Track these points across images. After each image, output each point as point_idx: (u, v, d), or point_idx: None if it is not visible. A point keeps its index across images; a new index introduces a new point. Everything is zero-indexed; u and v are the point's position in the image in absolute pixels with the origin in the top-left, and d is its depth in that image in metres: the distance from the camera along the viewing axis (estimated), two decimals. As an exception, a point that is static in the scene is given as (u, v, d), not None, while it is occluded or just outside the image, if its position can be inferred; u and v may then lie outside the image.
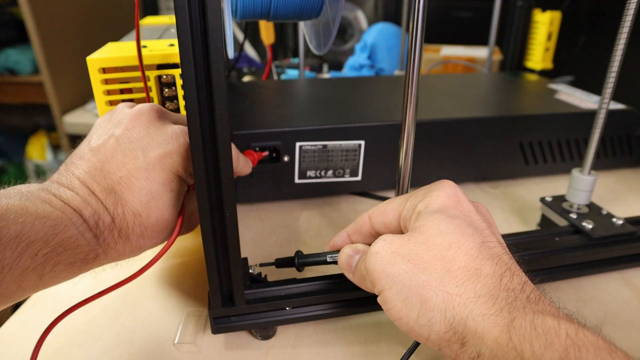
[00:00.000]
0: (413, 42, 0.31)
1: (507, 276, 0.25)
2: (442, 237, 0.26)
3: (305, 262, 0.36)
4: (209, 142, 0.28)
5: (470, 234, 0.26)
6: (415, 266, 0.26)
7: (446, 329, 0.24)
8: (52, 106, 1.42)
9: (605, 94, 0.40)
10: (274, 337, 0.36)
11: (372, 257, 0.27)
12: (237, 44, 1.01)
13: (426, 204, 0.29)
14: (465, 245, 0.26)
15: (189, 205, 0.35)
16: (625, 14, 0.37)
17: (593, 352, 0.20)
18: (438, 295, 0.25)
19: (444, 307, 0.24)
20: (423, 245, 0.26)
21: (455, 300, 0.24)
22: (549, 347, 0.21)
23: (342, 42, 1.31)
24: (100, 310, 0.39)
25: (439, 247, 0.26)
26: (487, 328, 0.23)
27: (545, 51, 0.80)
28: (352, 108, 0.59)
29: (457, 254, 0.25)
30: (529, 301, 0.24)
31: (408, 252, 0.26)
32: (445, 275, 0.25)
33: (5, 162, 1.76)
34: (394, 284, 0.26)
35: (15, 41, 1.54)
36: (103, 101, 0.38)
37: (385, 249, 0.27)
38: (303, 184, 0.54)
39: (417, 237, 0.27)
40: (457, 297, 0.24)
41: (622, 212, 0.46)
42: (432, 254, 0.26)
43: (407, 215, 0.30)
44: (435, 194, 0.29)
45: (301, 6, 0.39)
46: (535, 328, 0.22)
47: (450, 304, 0.24)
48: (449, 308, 0.24)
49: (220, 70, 0.26)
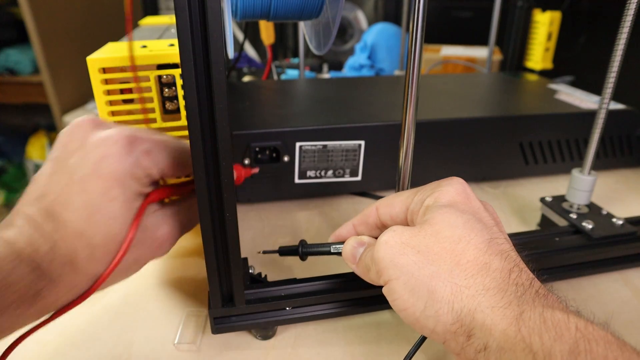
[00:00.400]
0: (413, 42, 0.31)
1: (515, 272, 0.25)
2: (452, 230, 0.26)
3: (309, 251, 0.36)
4: (209, 142, 0.28)
5: (480, 229, 0.26)
6: (425, 257, 0.26)
7: (453, 321, 0.24)
8: (52, 106, 1.42)
9: (605, 94, 0.40)
10: (274, 337, 0.36)
11: (381, 246, 0.27)
12: (237, 44, 1.01)
13: (435, 198, 0.29)
14: (474, 239, 0.26)
15: (150, 218, 0.30)
16: (625, 14, 0.37)
17: (603, 345, 0.20)
18: (447, 286, 0.25)
19: (452, 298, 0.24)
20: (433, 237, 0.26)
21: (463, 292, 0.24)
22: (558, 339, 0.21)
23: (342, 42, 1.31)
24: (100, 310, 0.39)
25: (449, 240, 0.26)
26: (496, 320, 0.23)
27: (545, 51, 0.80)
28: (352, 108, 0.59)
29: (467, 247, 0.25)
30: (538, 295, 0.24)
31: (418, 244, 0.26)
32: (455, 267, 0.25)
33: (5, 162, 1.76)
34: (402, 274, 0.26)
35: (15, 41, 1.54)
36: (103, 101, 0.38)
37: (395, 239, 0.27)
38: (303, 184, 0.54)
39: (427, 229, 0.27)
40: (466, 289, 0.24)
41: (622, 212, 0.46)
42: (441, 246, 0.26)
43: (415, 209, 0.30)
44: (445, 189, 0.29)
45: (301, 6, 0.38)
46: (545, 321, 0.22)
47: (459, 295, 0.24)
48: (457, 300, 0.24)
49: (220, 70, 0.26)
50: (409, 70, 0.32)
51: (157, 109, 0.39)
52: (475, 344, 0.23)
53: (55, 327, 0.38)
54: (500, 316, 0.23)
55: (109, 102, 0.38)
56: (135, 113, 0.39)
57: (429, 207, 0.28)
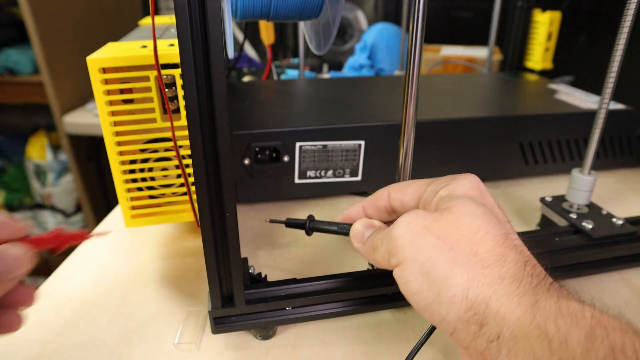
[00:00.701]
0: (413, 42, 0.31)
1: (529, 265, 0.25)
2: (472, 219, 0.26)
3: (316, 227, 0.36)
4: (209, 142, 0.28)
5: (496, 223, 0.26)
6: (444, 243, 0.25)
7: (467, 309, 0.24)
8: (52, 106, 1.42)
9: (605, 94, 0.40)
10: (274, 337, 0.36)
11: (402, 226, 0.27)
12: (237, 44, 1.01)
13: (450, 189, 0.29)
14: (492, 231, 0.26)
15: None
16: (625, 14, 0.37)
17: (619, 331, 0.20)
18: (464, 273, 0.24)
19: (467, 285, 0.24)
20: (453, 224, 0.26)
21: (480, 280, 0.24)
22: (574, 326, 0.21)
23: (342, 42, 1.31)
24: (100, 310, 0.39)
25: (469, 229, 0.26)
26: (511, 308, 0.22)
27: (545, 51, 0.80)
28: (352, 108, 0.59)
29: (485, 237, 0.25)
30: (552, 287, 0.24)
31: (438, 229, 0.26)
32: (473, 255, 0.25)
33: (5, 162, 1.76)
34: (419, 255, 0.25)
35: (15, 41, 1.54)
36: (103, 101, 0.38)
37: (418, 221, 0.27)
38: (303, 184, 0.54)
39: (447, 215, 0.27)
40: (483, 277, 0.24)
41: (622, 212, 0.46)
42: (461, 233, 0.26)
43: (428, 198, 0.30)
44: (461, 182, 0.29)
45: (301, 6, 0.39)
46: (560, 309, 0.22)
47: (475, 283, 0.24)
48: (473, 287, 0.24)
49: (220, 70, 0.26)
50: (409, 70, 0.32)
51: (157, 109, 0.39)
52: (488, 333, 0.23)
53: (55, 327, 0.38)
54: (515, 304, 0.22)
55: (109, 102, 0.38)
56: (135, 113, 0.39)
57: (443, 198, 0.28)
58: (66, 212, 1.60)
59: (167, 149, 0.41)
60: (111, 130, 0.38)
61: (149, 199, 0.42)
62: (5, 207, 1.64)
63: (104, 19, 1.61)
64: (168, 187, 0.42)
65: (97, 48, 0.40)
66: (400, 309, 0.39)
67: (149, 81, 0.38)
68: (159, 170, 0.41)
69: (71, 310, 0.40)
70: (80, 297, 0.41)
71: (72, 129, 1.42)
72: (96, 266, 0.45)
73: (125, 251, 0.48)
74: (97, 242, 0.50)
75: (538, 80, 0.76)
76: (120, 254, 0.47)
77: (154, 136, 0.40)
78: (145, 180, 0.41)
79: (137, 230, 0.51)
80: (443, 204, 0.28)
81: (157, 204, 0.42)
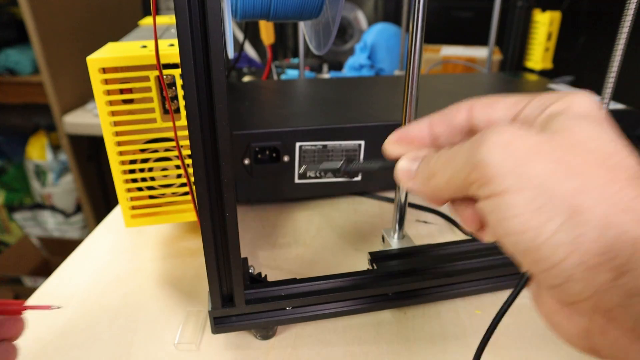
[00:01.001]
0: (413, 42, 0.31)
1: None
2: (601, 143, 0.21)
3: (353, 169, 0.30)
4: (209, 142, 0.28)
5: (629, 152, 0.21)
6: (567, 169, 0.20)
7: (601, 251, 0.18)
8: (52, 106, 1.42)
9: (605, 94, 0.40)
10: (274, 337, 0.36)
11: (497, 147, 0.20)
12: (237, 44, 1.01)
13: (567, 105, 0.23)
14: (628, 159, 0.21)
15: None
16: (625, 14, 0.37)
17: None
18: (599, 205, 0.19)
19: (605, 222, 0.18)
20: (574, 149, 0.20)
21: (627, 215, 0.18)
22: None
23: (342, 42, 1.31)
24: (100, 310, 0.39)
25: (599, 153, 0.20)
26: None
27: (545, 51, 0.80)
28: (352, 108, 0.59)
29: (621, 164, 0.20)
30: None
31: (553, 152, 0.20)
32: (609, 184, 0.19)
33: (5, 162, 1.76)
34: (528, 186, 0.19)
35: (15, 41, 1.54)
36: (103, 101, 0.38)
37: (523, 141, 0.20)
38: (303, 184, 0.54)
39: (566, 136, 0.21)
40: (629, 212, 0.18)
41: (622, 212, 0.46)
42: (587, 158, 0.20)
43: (532, 115, 0.23)
44: (579, 99, 0.23)
45: (301, 6, 0.39)
46: None
47: (616, 219, 0.18)
48: (613, 224, 0.18)
49: (220, 70, 0.26)
50: (409, 70, 0.32)
51: (157, 109, 0.39)
52: (630, 284, 0.18)
53: (55, 327, 0.38)
54: None
55: (109, 102, 0.38)
56: (135, 113, 0.39)
57: (556, 116, 0.22)
58: (66, 212, 1.60)
59: (167, 149, 0.41)
60: (111, 130, 0.38)
61: (149, 199, 0.42)
62: (5, 207, 1.64)
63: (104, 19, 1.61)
64: (168, 187, 0.42)
65: (97, 48, 0.40)
66: (400, 309, 0.39)
67: (149, 81, 0.38)
68: (159, 170, 0.41)
69: (71, 310, 0.40)
70: (80, 297, 0.41)
71: (72, 129, 1.43)
72: (96, 266, 0.45)
73: (125, 251, 0.48)
74: (97, 242, 0.50)
75: (538, 80, 0.76)
76: (120, 254, 0.47)
77: (154, 136, 0.40)
78: (145, 180, 0.41)
79: (137, 230, 0.51)
80: (556, 124, 0.21)
81: (157, 204, 0.42)
